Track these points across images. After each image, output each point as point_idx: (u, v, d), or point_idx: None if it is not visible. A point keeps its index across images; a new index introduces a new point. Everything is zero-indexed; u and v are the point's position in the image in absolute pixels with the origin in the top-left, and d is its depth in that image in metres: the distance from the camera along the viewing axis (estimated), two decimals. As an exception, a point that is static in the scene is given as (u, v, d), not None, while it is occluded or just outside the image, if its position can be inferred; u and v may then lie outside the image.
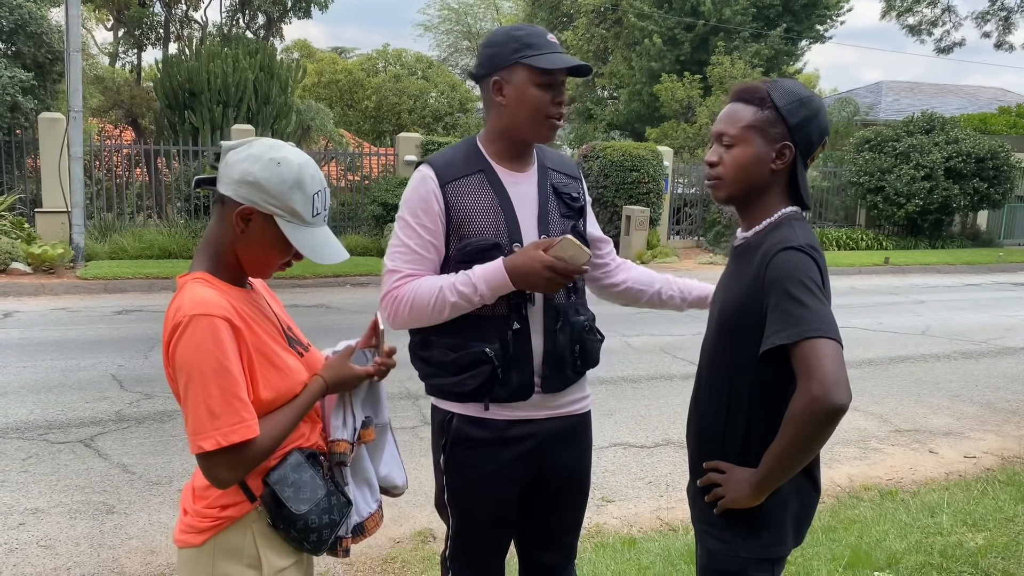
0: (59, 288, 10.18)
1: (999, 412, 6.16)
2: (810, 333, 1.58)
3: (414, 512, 4.14)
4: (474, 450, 2.11)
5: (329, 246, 1.69)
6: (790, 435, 1.61)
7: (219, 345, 1.52)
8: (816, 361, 1.56)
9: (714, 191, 1.86)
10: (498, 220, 2.05)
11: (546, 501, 2.23)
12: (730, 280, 1.87)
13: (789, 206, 1.82)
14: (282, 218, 1.61)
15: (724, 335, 1.82)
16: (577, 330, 2.13)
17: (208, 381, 1.50)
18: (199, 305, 1.54)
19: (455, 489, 2.16)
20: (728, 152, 1.80)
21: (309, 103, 19.27)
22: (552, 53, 2.00)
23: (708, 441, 1.86)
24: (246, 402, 1.54)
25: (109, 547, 3.72)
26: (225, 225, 1.63)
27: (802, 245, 1.69)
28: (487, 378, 2.03)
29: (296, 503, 1.61)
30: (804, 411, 1.57)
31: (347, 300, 10.10)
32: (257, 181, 1.58)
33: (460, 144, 2.17)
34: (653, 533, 3.96)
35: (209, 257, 1.66)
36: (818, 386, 1.54)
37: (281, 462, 1.64)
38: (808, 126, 1.77)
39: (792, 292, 1.62)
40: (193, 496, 1.68)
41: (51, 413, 5.43)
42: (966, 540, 3.50)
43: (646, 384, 6.55)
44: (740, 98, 1.80)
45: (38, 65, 13.73)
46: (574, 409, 2.21)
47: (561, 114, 2.05)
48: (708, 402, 1.86)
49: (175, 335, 1.53)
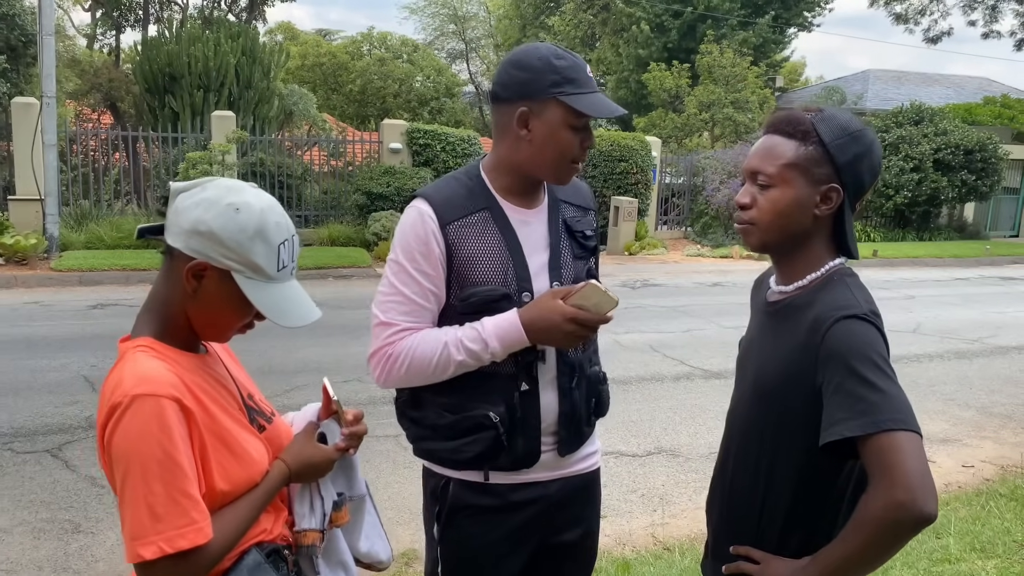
0: (32, 280, 9.89)
1: (995, 417, 6.05)
2: (888, 425, 1.34)
3: (397, 530, 3.96)
4: (475, 518, 1.87)
5: (298, 305, 1.44)
6: (861, 540, 1.37)
7: (165, 432, 1.28)
8: (898, 459, 1.33)
9: (746, 237, 1.60)
10: (506, 266, 1.79)
11: (555, 566, 2.01)
12: (767, 342, 1.63)
13: (835, 257, 1.58)
14: (241, 274, 1.38)
15: (763, 406, 1.59)
16: (593, 383, 1.91)
17: (151, 475, 1.26)
18: (143, 382, 1.29)
19: (451, 562, 1.92)
20: (764, 194, 1.54)
21: (292, 87, 18.91)
22: (595, 93, 1.74)
23: (738, 522, 1.64)
24: (197, 500, 1.30)
25: (74, 571, 3.52)
26: (174, 282, 1.39)
27: (865, 313, 1.45)
28: (490, 445, 1.79)
29: None
30: (884, 518, 1.33)
31: (329, 294, 9.86)
32: (212, 231, 1.34)
33: (461, 174, 1.89)
34: (647, 555, 3.80)
35: (155, 319, 1.42)
36: (903, 491, 1.31)
37: (236, 564, 1.39)
38: (859, 165, 1.52)
39: (861, 372, 1.38)
40: None
41: (18, 419, 5.19)
42: (976, 570, 3.36)
43: (636, 386, 6.39)
44: (779, 130, 1.54)
45: (11, 48, 13.34)
46: (584, 467, 1.97)
47: (585, 156, 1.81)
48: (741, 479, 1.64)
49: (112, 418, 1.29)
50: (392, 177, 13.54)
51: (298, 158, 15.54)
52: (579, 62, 1.77)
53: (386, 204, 13.29)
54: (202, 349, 1.49)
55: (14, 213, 11.86)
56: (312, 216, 14.66)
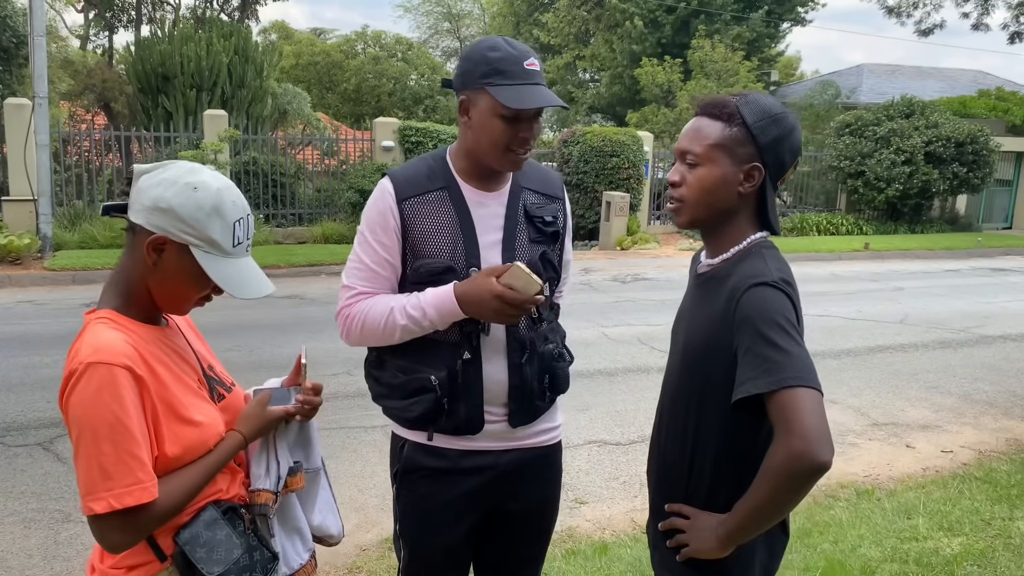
0: (25, 279, 9.95)
1: (976, 404, 6.12)
2: (789, 382, 1.45)
3: (381, 517, 4.03)
4: (427, 480, 2.00)
5: (253, 279, 1.54)
6: (766, 490, 1.48)
7: (117, 398, 1.37)
8: (796, 413, 1.43)
9: (676, 214, 1.70)
10: (455, 242, 1.91)
11: (504, 533, 2.12)
12: (695, 311, 1.73)
13: (758, 231, 1.68)
14: (199, 248, 1.47)
15: (689, 371, 1.69)
16: (546, 360, 2.00)
17: (101, 437, 1.36)
18: (97, 351, 1.39)
19: (406, 521, 2.05)
20: (692, 172, 1.64)
21: (286, 86, 18.95)
22: (523, 85, 1.82)
23: (671, 482, 1.74)
24: (144, 462, 1.40)
25: (63, 559, 3.59)
26: (136, 256, 1.49)
27: (775, 280, 1.55)
28: (431, 407, 1.92)
29: (208, 565, 1.47)
30: (784, 467, 1.44)
31: (321, 290, 9.93)
32: (171, 208, 1.44)
33: (428, 156, 2.02)
34: (626, 538, 3.87)
35: (118, 293, 1.51)
36: (800, 441, 1.41)
37: (194, 519, 1.50)
38: (780, 146, 1.61)
39: (767, 334, 1.49)
40: (100, 554, 1.53)
41: (10, 413, 5.26)
42: (942, 546, 3.43)
43: (623, 377, 6.47)
44: (707, 113, 1.64)
45: (3, 49, 13.38)
46: (539, 441, 2.08)
47: (527, 148, 1.89)
48: (671, 442, 1.74)
49: (69, 384, 1.39)
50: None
51: (292, 157, 15.60)
52: (516, 54, 1.84)
53: (379, 201, 13.32)
54: (163, 322, 1.58)
55: (8, 213, 11.93)
56: (306, 214, 14.73)
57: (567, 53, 30.20)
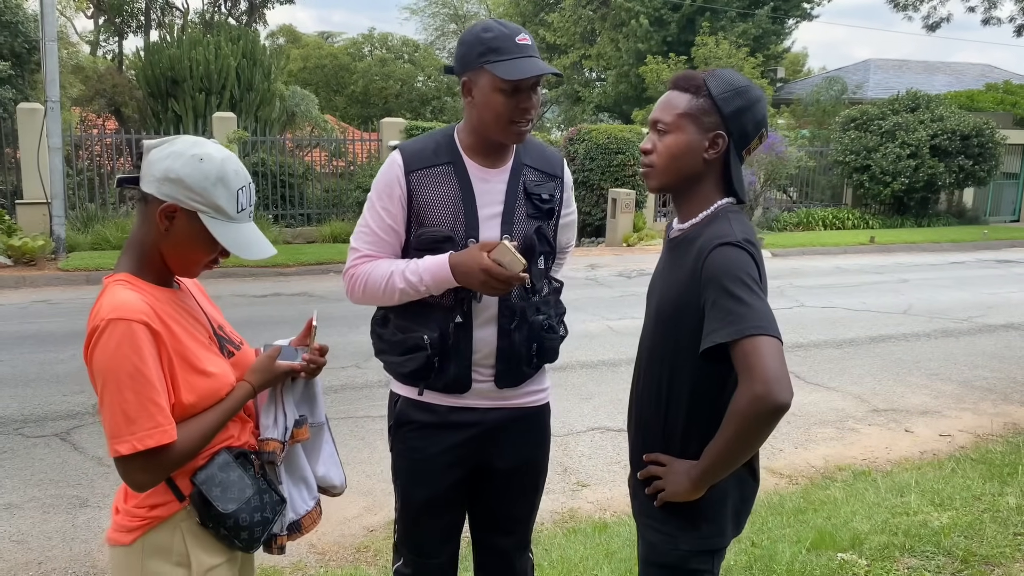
0: (40, 280, 10.12)
1: (976, 390, 6.20)
2: (750, 331, 1.57)
3: (388, 501, 4.13)
4: (416, 432, 2.15)
5: (256, 242, 1.67)
6: (732, 431, 1.61)
7: (135, 350, 1.51)
8: (757, 359, 1.55)
9: (647, 180, 1.84)
10: (456, 214, 2.05)
11: (496, 489, 2.25)
12: (666, 273, 1.85)
13: (724, 197, 1.79)
14: (206, 214, 1.60)
15: (663, 329, 1.81)
16: (535, 329, 2.12)
17: (123, 386, 1.50)
18: (116, 309, 1.53)
19: (399, 472, 2.21)
20: (662, 140, 1.77)
21: (294, 89, 19.13)
22: (517, 59, 1.95)
23: (648, 433, 1.85)
24: (162, 407, 1.54)
25: (82, 541, 3.72)
26: (149, 224, 1.62)
27: (739, 240, 1.66)
28: (422, 364, 2.07)
29: (223, 502, 1.61)
30: (747, 409, 1.56)
31: (330, 288, 10.07)
32: (179, 177, 1.57)
33: (437, 133, 2.16)
34: (626, 517, 3.98)
35: (133, 257, 1.64)
36: (760, 384, 1.54)
37: (209, 462, 1.65)
38: (742, 116, 1.73)
39: (730, 289, 1.61)
40: (124, 495, 1.67)
41: (28, 407, 5.41)
42: (931, 520, 3.52)
43: (626, 368, 6.57)
44: (677, 86, 1.77)
45: (15, 55, 13.58)
46: (525, 402, 2.21)
47: (528, 119, 2.02)
48: (647, 395, 1.86)
49: (93, 339, 1.53)
50: (392, 174, 13.72)
51: (300, 158, 15.76)
52: (507, 31, 1.98)
53: (386, 201, 13.47)
54: (175, 285, 1.72)
55: (22, 216, 12.12)
56: (314, 214, 14.89)
57: (573, 52, 30.29)
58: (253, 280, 10.47)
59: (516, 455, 2.22)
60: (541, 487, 2.34)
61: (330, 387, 5.87)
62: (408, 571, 2.26)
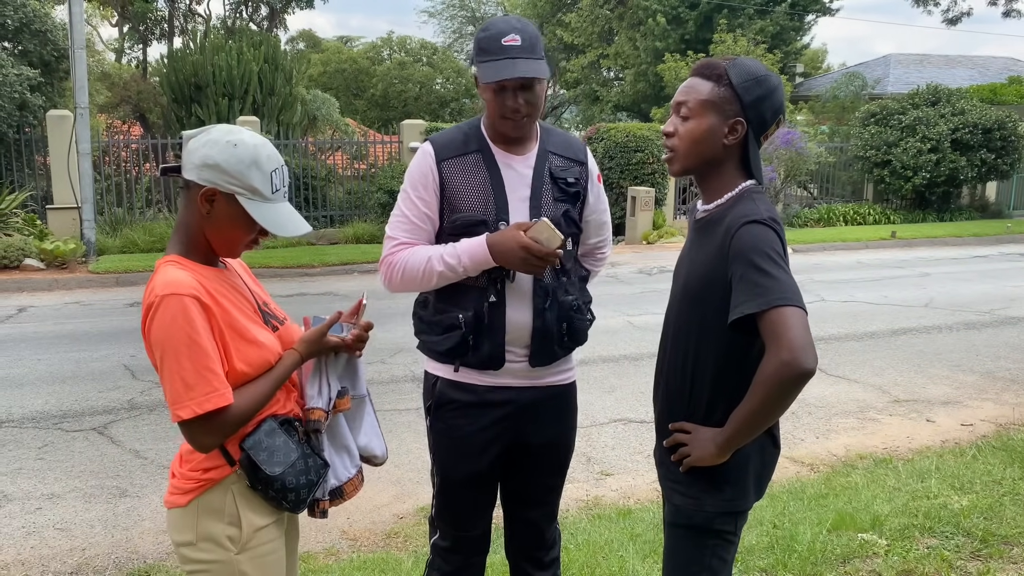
0: (72, 283, 10.34)
1: (998, 380, 6.21)
2: (777, 302, 1.66)
3: (417, 489, 4.26)
4: (456, 411, 2.25)
5: (292, 220, 1.78)
6: (759, 398, 1.70)
7: (189, 322, 1.63)
8: (784, 328, 1.64)
9: (669, 164, 1.93)
10: (487, 198, 2.16)
11: (528, 464, 2.35)
12: (694, 252, 1.93)
13: (745, 180, 1.89)
14: (243, 196, 1.71)
15: (690, 304, 1.90)
16: (565, 309, 2.22)
17: (181, 355, 1.62)
18: (169, 285, 1.65)
19: (439, 450, 2.32)
20: (684, 125, 1.87)
21: (315, 93, 19.33)
22: (498, 60, 2.06)
23: (674, 403, 1.95)
24: (218, 373, 1.66)
25: (123, 528, 3.86)
26: (192, 208, 1.74)
27: (765, 219, 1.76)
28: (458, 342, 2.17)
29: (270, 465, 1.73)
30: (774, 375, 1.65)
31: (354, 287, 10.21)
32: (216, 163, 1.69)
33: (464, 124, 2.28)
34: (650, 504, 4.06)
35: (180, 241, 1.77)
36: (787, 351, 1.63)
37: (256, 428, 1.77)
38: (761, 104, 1.83)
39: (758, 263, 1.70)
40: (180, 460, 1.81)
41: (66, 403, 5.58)
42: (951, 502, 3.58)
43: (647, 361, 6.64)
44: (700, 73, 1.87)
45: (44, 63, 13.84)
46: (555, 380, 2.31)
47: (518, 114, 2.11)
48: (674, 367, 1.95)
49: (149, 314, 1.65)
50: (413, 175, 13.85)
51: (322, 161, 15.94)
52: (497, 31, 2.09)
53: (407, 202, 13.61)
54: (221, 265, 1.85)
55: (52, 221, 12.37)
56: (337, 216, 15.06)
57: (591, 52, 30.33)
58: (279, 281, 10.64)
59: (549, 431, 2.32)
60: (568, 460, 2.46)
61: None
62: (445, 544, 2.37)
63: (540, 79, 2.10)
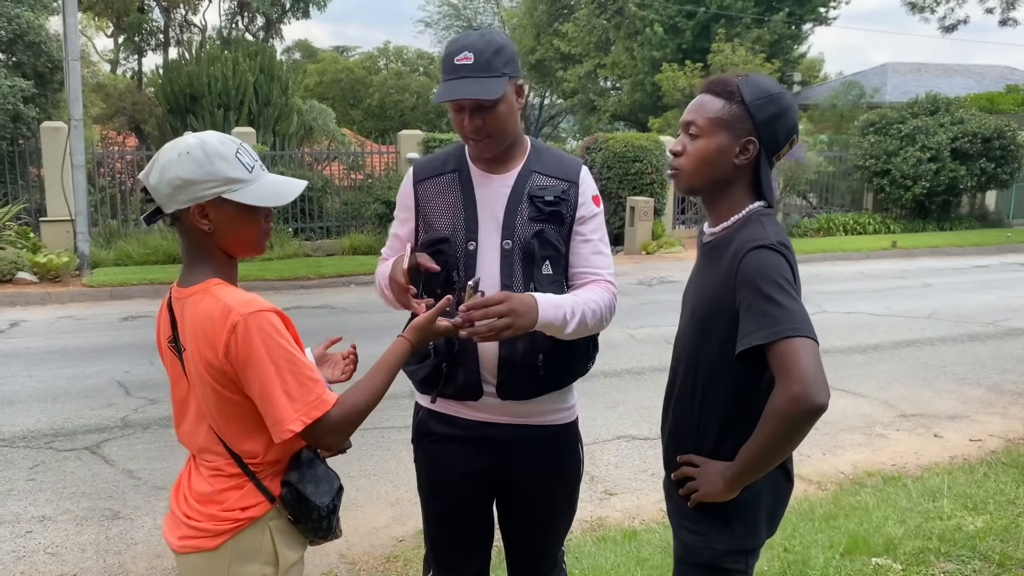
0: (65, 296, 10.23)
1: (1005, 394, 6.13)
2: (787, 332, 1.58)
3: (415, 511, 4.09)
4: (435, 444, 2.18)
5: (285, 186, 1.74)
6: (768, 432, 1.61)
7: (280, 334, 1.61)
8: (795, 361, 1.56)
9: (675, 182, 1.84)
10: (456, 217, 2.10)
11: (520, 506, 2.24)
12: (701, 277, 1.85)
13: (755, 202, 1.80)
14: (227, 191, 1.65)
15: (697, 332, 1.82)
16: (539, 340, 2.02)
17: (282, 370, 1.59)
18: (248, 303, 1.62)
19: (420, 482, 2.26)
20: (693, 143, 1.79)
21: (311, 103, 19.28)
22: (448, 80, 1.97)
23: (681, 435, 1.86)
24: (317, 380, 1.64)
25: (115, 552, 3.75)
26: (193, 233, 1.68)
27: (774, 243, 1.67)
28: (431, 372, 2.11)
29: (319, 496, 1.71)
30: (784, 409, 1.57)
31: (352, 300, 10.12)
32: (184, 179, 1.62)
33: (454, 145, 2.24)
34: (655, 525, 3.97)
35: (206, 268, 1.70)
36: (798, 385, 1.54)
37: (295, 461, 1.74)
38: (775, 124, 1.74)
39: (766, 291, 1.62)
40: (199, 501, 1.71)
41: (57, 421, 5.47)
42: (965, 524, 3.49)
43: (649, 376, 6.55)
44: (710, 90, 1.78)
45: (38, 74, 13.76)
46: (544, 420, 2.16)
47: (478, 134, 2.01)
48: (682, 397, 1.86)
49: (233, 336, 1.59)
50: (410, 186, 13.77)
51: (318, 172, 15.86)
52: (455, 47, 1.99)
53: (405, 212, 13.54)
54: None
55: (46, 234, 12.26)
56: (334, 227, 14.97)
57: (588, 62, 30.32)
58: (275, 293, 10.54)
59: (534, 475, 2.18)
60: (568, 507, 2.30)
61: (355, 398, 5.90)
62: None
63: (496, 99, 1.95)
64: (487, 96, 1.94)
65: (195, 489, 1.72)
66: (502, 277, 2.05)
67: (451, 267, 2.06)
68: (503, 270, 2.05)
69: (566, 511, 2.30)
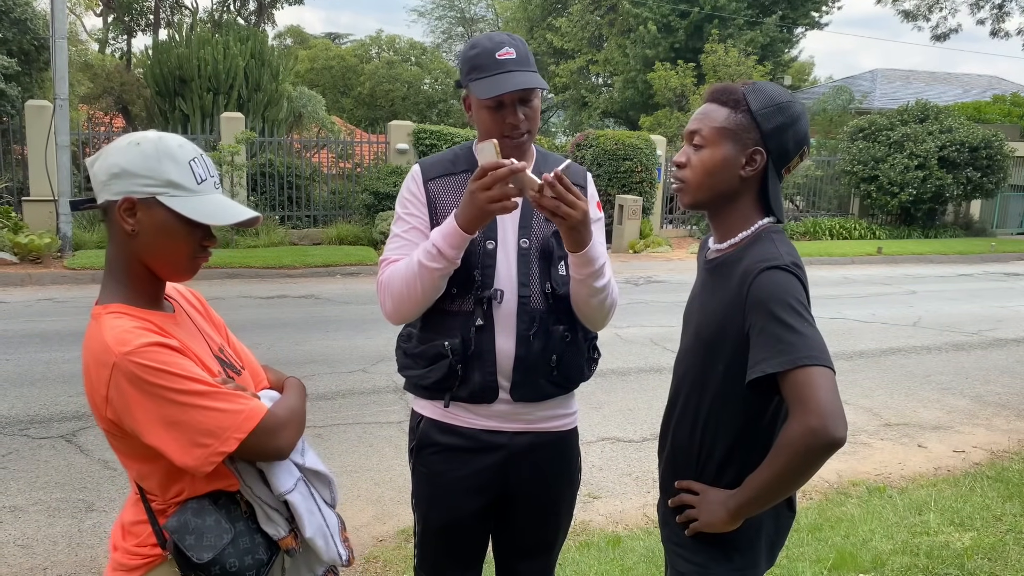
0: (46, 278, 10.08)
1: (989, 405, 6.13)
2: (804, 361, 1.49)
3: (397, 510, 4.10)
4: (439, 455, 2.08)
5: (228, 208, 1.53)
6: (781, 464, 1.52)
7: (168, 367, 1.41)
8: (811, 392, 1.47)
9: (680, 195, 1.76)
10: None
11: (521, 517, 2.17)
12: (705, 297, 1.77)
13: (763, 217, 1.72)
14: (164, 195, 1.47)
15: (702, 355, 1.74)
16: (555, 339, 2.03)
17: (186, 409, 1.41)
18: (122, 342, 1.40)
19: (419, 495, 2.15)
20: (697, 154, 1.70)
21: (301, 90, 19.10)
22: (496, 75, 1.92)
23: (681, 461, 1.79)
24: (230, 393, 1.46)
25: (88, 547, 3.66)
26: (117, 234, 1.50)
27: (787, 264, 1.59)
28: (445, 373, 2.01)
29: (197, 551, 1.47)
30: (800, 442, 1.48)
31: (337, 290, 10.02)
32: (122, 168, 1.46)
33: (456, 147, 2.16)
34: (639, 531, 3.92)
35: (117, 281, 1.52)
36: (815, 418, 1.46)
37: (181, 507, 1.51)
38: (783, 134, 1.66)
39: (780, 316, 1.53)
40: (123, 533, 1.57)
41: (33, 407, 5.36)
42: (953, 540, 3.46)
43: (635, 377, 6.51)
44: (715, 99, 1.70)
45: (24, 52, 13.56)
46: (551, 426, 2.12)
47: (518, 130, 1.97)
48: (683, 422, 1.79)
49: (112, 383, 1.40)
50: (399, 177, 13.70)
51: (307, 159, 15.73)
52: (490, 45, 1.95)
53: (393, 203, 13.42)
54: (169, 308, 1.60)
55: (28, 214, 12.09)
56: (321, 216, 14.85)
57: (580, 57, 30.27)
58: (259, 281, 10.43)
59: (542, 484, 2.13)
60: (568, 515, 2.26)
61: (336, 392, 5.82)
62: None
63: (537, 92, 1.98)
64: (542, 85, 1.96)
65: (122, 516, 1.58)
66: (519, 275, 2.01)
67: (470, 266, 1.99)
68: (519, 268, 2.01)
69: (565, 522, 2.26)
